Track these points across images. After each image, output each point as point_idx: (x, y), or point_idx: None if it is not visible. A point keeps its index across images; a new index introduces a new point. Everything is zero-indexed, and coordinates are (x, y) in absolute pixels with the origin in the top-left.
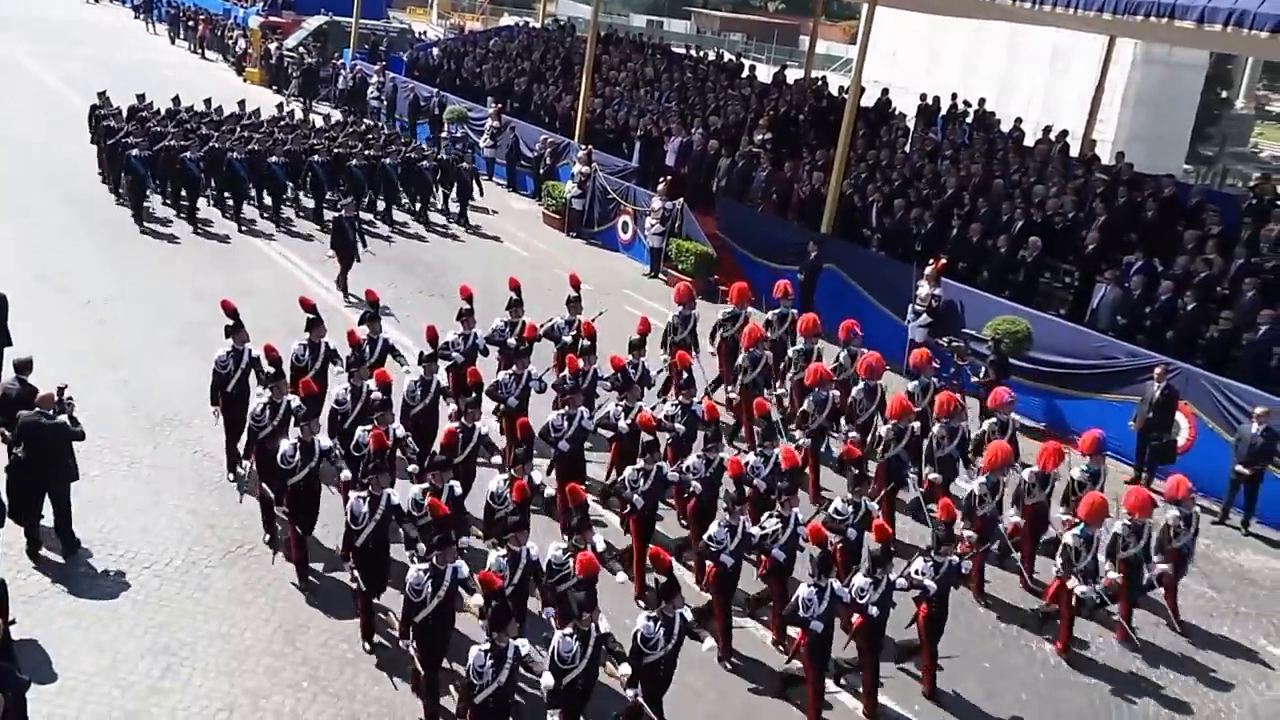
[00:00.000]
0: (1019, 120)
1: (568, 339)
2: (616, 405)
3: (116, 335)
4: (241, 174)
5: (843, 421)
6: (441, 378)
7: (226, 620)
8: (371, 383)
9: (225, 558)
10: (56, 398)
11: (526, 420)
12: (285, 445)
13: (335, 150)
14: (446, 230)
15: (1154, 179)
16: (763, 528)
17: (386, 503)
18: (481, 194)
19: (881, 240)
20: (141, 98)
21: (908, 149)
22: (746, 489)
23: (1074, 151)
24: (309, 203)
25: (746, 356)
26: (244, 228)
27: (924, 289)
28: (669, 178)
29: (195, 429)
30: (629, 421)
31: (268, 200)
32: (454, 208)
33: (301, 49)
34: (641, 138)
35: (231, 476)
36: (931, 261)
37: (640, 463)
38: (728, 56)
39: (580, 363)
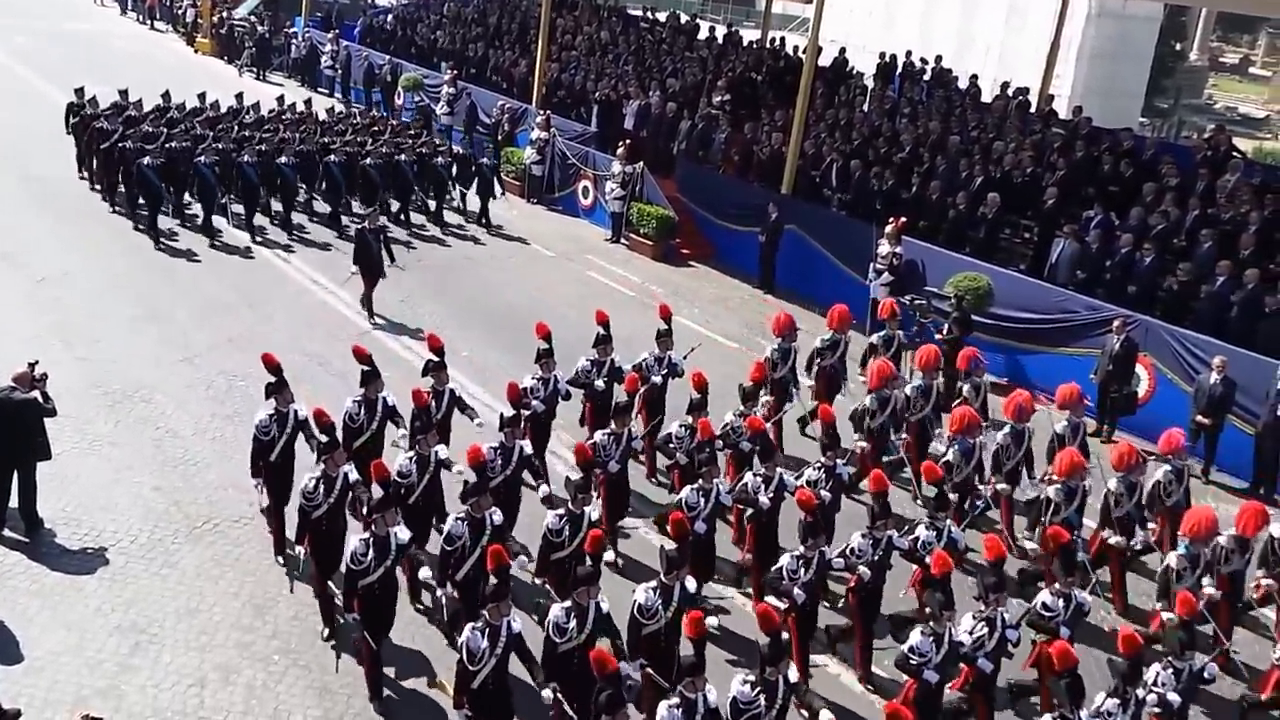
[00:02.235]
0: (975, 77)
1: (657, 379)
2: (755, 475)
3: (74, 312)
4: (253, 178)
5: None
6: (526, 444)
7: (195, 596)
8: (441, 449)
9: (191, 534)
10: (30, 374)
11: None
12: (356, 542)
13: (348, 149)
14: (465, 232)
15: (1111, 133)
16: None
17: (508, 633)
18: (503, 192)
19: (842, 200)
20: (125, 94)
21: (866, 108)
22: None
23: (1032, 107)
24: (321, 206)
25: (874, 397)
26: (258, 238)
27: (885, 247)
28: (628, 142)
29: (157, 405)
30: (770, 495)
31: (276, 206)
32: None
33: (253, 18)
34: (600, 102)
35: (281, 560)
36: (891, 220)
37: (800, 549)
38: (684, 18)
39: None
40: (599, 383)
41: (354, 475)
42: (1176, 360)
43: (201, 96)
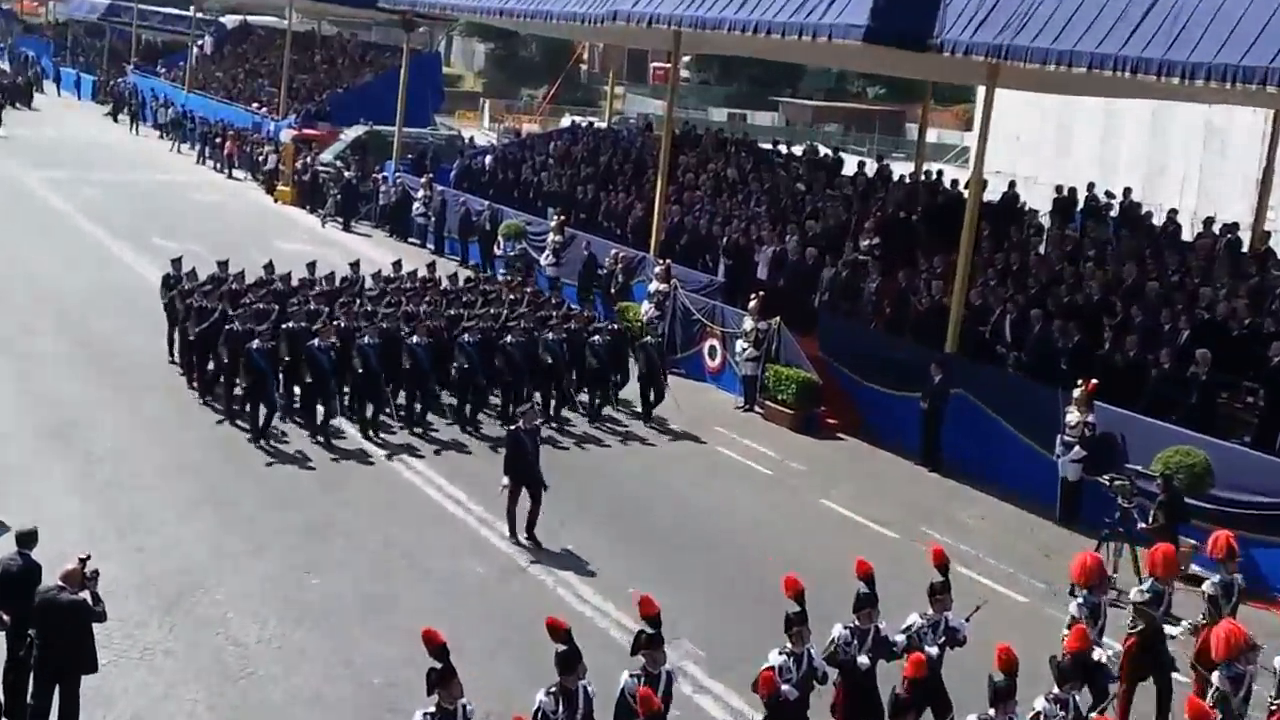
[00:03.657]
0: (1173, 212)
1: (933, 650)
2: None
3: (130, 496)
4: (373, 364)
5: None
6: None
7: None
8: None
9: None
10: (81, 570)
11: None
12: None
13: (483, 325)
14: (628, 431)
15: None
16: None
17: None
18: (666, 378)
19: (1019, 359)
20: (224, 265)
21: (1043, 250)
22: None
23: (1244, 246)
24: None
25: (1222, 673)
26: (379, 438)
27: (1074, 416)
28: (761, 293)
29: (216, 605)
30: None
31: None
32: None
33: (339, 163)
34: (728, 248)
35: None
36: (1081, 382)
37: None
38: (823, 151)
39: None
40: (862, 659)
41: None
42: None
43: (311, 266)
